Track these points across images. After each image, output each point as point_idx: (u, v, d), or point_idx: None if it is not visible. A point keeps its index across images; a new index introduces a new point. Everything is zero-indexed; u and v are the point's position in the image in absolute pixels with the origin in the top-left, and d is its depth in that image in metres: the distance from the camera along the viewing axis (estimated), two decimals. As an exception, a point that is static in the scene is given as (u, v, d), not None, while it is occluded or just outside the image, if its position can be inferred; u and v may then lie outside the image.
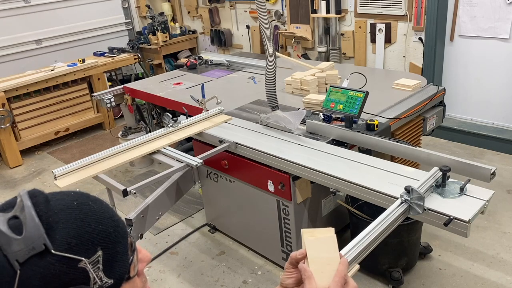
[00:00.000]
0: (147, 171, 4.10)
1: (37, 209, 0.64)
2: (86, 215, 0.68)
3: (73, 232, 0.64)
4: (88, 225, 0.67)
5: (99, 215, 0.70)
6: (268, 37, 2.35)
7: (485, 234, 2.83)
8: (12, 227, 0.63)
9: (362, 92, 2.28)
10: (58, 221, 0.64)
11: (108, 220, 0.70)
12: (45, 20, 5.25)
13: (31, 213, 0.63)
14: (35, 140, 4.71)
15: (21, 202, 0.65)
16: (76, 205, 0.68)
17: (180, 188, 2.32)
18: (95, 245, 0.66)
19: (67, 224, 0.65)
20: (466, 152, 3.88)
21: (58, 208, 0.66)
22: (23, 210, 0.64)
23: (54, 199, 0.68)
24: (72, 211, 0.67)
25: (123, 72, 5.85)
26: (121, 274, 0.70)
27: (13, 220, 0.64)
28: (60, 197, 0.69)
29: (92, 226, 0.67)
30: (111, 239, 0.69)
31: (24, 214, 0.63)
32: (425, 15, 3.86)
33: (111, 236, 0.69)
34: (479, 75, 3.91)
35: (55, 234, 0.63)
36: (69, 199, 0.70)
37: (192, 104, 2.85)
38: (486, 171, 1.79)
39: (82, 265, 0.64)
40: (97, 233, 0.67)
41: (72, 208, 0.67)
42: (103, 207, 0.73)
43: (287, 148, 2.28)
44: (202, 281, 2.68)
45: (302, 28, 4.76)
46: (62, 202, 0.68)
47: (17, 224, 0.63)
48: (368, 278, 2.54)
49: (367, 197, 1.85)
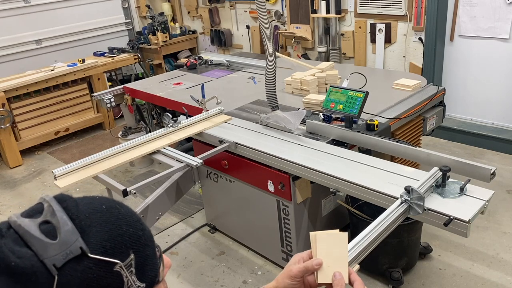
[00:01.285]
0: (147, 171, 4.10)
1: (68, 213, 0.64)
2: (116, 218, 0.67)
3: (106, 235, 0.64)
4: (119, 227, 0.66)
5: (128, 218, 0.69)
6: (268, 37, 2.35)
7: (485, 234, 2.83)
8: (45, 232, 0.61)
9: (362, 92, 2.28)
10: (90, 225, 0.64)
11: (136, 223, 0.70)
12: (45, 20, 5.25)
13: (63, 217, 0.63)
14: (35, 140, 4.71)
15: (50, 207, 0.64)
16: (105, 208, 0.68)
17: (180, 188, 2.33)
18: (127, 248, 0.66)
19: (100, 227, 0.64)
20: (466, 152, 3.88)
21: (88, 212, 0.66)
22: (54, 214, 0.63)
23: (82, 203, 0.67)
24: (103, 214, 0.67)
25: (123, 72, 5.85)
26: (152, 278, 0.70)
27: (44, 225, 0.62)
28: (87, 201, 0.69)
29: (123, 228, 0.67)
30: (141, 242, 0.68)
31: (56, 218, 0.62)
32: (425, 15, 3.86)
33: (141, 239, 0.69)
34: (479, 75, 3.91)
35: (89, 238, 0.62)
36: (97, 202, 0.69)
37: (192, 104, 2.85)
38: (486, 171, 1.79)
39: (117, 269, 0.63)
40: (129, 236, 0.67)
41: (102, 212, 0.67)
42: (130, 210, 0.72)
43: (287, 148, 2.28)
44: (202, 281, 2.68)
45: (302, 28, 4.76)
46: (91, 206, 0.67)
47: (49, 228, 0.62)
48: (368, 278, 2.54)
49: (367, 197, 1.85)
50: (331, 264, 0.98)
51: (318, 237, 1.00)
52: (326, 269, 0.98)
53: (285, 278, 1.01)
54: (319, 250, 0.99)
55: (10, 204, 3.78)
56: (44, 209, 0.65)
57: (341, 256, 0.99)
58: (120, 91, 3.84)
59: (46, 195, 0.68)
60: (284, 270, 1.03)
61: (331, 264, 0.98)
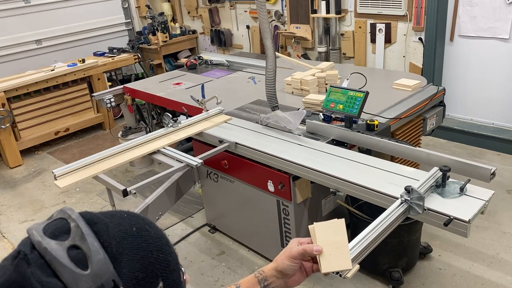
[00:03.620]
0: (147, 171, 4.10)
1: (100, 238, 0.60)
2: (147, 243, 0.64)
3: (138, 265, 0.61)
4: (151, 254, 0.63)
5: (158, 242, 0.66)
6: (268, 37, 2.35)
7: (485, 234, 2.83)
8: (74, 260, 0.57)
9: (362, 92, 2.28)
10: (122, 252, 0.60)
11: (165, 247, 0.67)
12: (45, 20, 5.25)
13: (94, 244, 0.58)
14: (35, 140, 4.71)
15: (78, 228, 0.60)
16: (136, 231, 0.64)
17: (180, 188, 2.33)
18: (157, 277, 0.63)
19: (132, 256, 0.61)
20: (466, 152, 3.88)
21: (119, 236, 0.62)
22: (84, 239, 0.58)
23: (112, 225, 0.63)
24: (134, 239, 0.63)
25: (123, 72, 5.85)
26: None
27: (73, 250, 0.58)
28: (117, 222, 0.65)
29: (154, 255, 0.64)
30: (170, 268, 0.66)
31: (86, 244, 0.58)
32: (425, 15, 3.86)
33: (170, 265, 0.66)
34: (479, 75, 3.91)
35: (122, 268, 0.59)
36: (127, 223, 0.65)
37: (192, 104, 2.85)
38: (486, 171, 1.79)
39: None
40: (159, 263, 0.64)
41: (133, 236, 0.63)
42: (159, 231, 0.69)
43: (287, 148, 2.28)
44: (202, 281, 2.68)
45: (302, 28, 4.76)
46: (121, 228, 0.64)
47: (80, 256, 0.58)
48: (368, 278, 2.54)
49: (367, 197, 1.85)
50: (332, 252, 0.99)
51: (317, 227, 1.01)
52: (328, 258, 0.98)
53: (284, 259, 1.03)
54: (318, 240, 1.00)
55: (10, 204, 3.78)
56: (72, 230, 0.60)
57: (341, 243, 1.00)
58: (120, 91, 3.84)
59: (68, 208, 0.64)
60: (284, 251, 1.05)
61: (332, 252, 0.99)
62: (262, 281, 1.05)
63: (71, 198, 3.79)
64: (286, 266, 1.02)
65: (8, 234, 3.38)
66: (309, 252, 1.00)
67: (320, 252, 0.99)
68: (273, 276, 1.05)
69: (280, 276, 1.04)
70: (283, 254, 1.04)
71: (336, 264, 0.99)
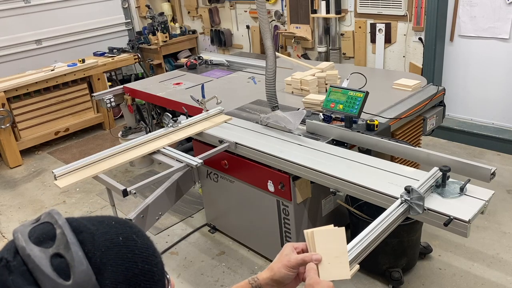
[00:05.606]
0: (147, 171, 4.10)
1: (85, 248, 0.59)
2: (133, 253, 0.63)
3: (121, 277, 0.60)
4: (135, 266, 0.63)
5: (145, 253, 0.65)
6: (268, 37, 2.35)
7: (485, 234, 2.83)
8: (57, 269, 0.57)
9: (362, 92, 2.28)
10: (106, 263, 0.60)
11: (151, 257, 0.66)
12: (45, 20, 5.25)
13: (78, 254, 0.58)
14: (35, 140, 4.71)
15: (63, 236, 0.59)
16: (122, 241, 0.64)
17: (180, 188, 2.33)
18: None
19: (116, 267, 0.60)
20: (466, 152, 3.88)
21: (104, 246, 0.61)
22: (68, 248, 0.58)
23: (98, 233, 0.63)
24: (119, 250, 0.62)
25: (123, 72, 5.85)
26: None
27: (57, 258, 0.57)
28: (103, 230, 0.64)
29: (139, 266, 0.63)
30: (154, 279, 0.65)
31: (70, 253, 0.57)
32: (425, 15, 3.86)
33: (154, 276, 0.65)
34: (479, 75, 3.91)
35: (104, 279, 0.59)
36: (114, 232, 0.64)
37: (192, 104, 2.85)
38: (486, 171, 1.79)
39: None
40: (144, 274, 0.63)
41: (119, 246, 0.63)
42: (146, 241, 0.68)
43: (287, 148, 2.28)
44: (202, 281, 2.68)
45: (302, 28, 4.76)
46: (107, 238, 0.63)
47: (62, 265, 0.57)
48: (368, 278, 2.54)
49: (367, 197, 1.85)
50: (331, 261, 0.97)
51: (316, 234, 0.99)
52: (327, 266, 0.97)
53: (281, 268, 1.00)
54: (317, 247, 0.98)
55: (10, 204, 3.78)
56: (57, 238, 0.59)
57: (340, 252, 0.98)
58: (120, 91, 3.84)
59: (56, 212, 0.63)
60: (280, 259, 1.02)
61: (331, 261, 0.97)
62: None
63: (71, 198, 3.79)
64: (283, 275, 1.00)
65: (8, 234, 3.38)
66: (308, 261, 0.98)
67: (319, 261, 0.97)
68: (268, 285, 1.03)
69: (275, 284, 1.02)
70: (280, 262, 1.01)
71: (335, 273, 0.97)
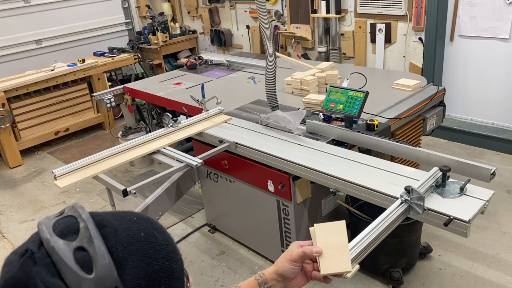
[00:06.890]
0: (147, 171, 4.10)
1: (107, 243, 0.60)
2: (154, 249, 0.64)
3: (142, 272, 0.61)
4: (156, 262, 0.63)
5: (166, 249, 0.66)
6: (268, 37, 2.35)
7: (485, 234, 2.83)
8: (80, 262, 0.58)
9: (362, 92, 2.28)
10: (127, 258, 0.61)
11: (172, 254, 0.67)
12: (45, 20, 5.25)
13: (101, 248, 0.59)
14: (35, 140, 4.71)
15: (86, 230, 0.60)
16: (144, 237, 0.64)
17: (180, 188, 2.33)
18: (160, 285, 0.63)
19: (137, 262, 0.61)
20: (466, 152, 3.88)
21: (126, 241, 0.62)
22: (92, 242, 0.59)
23: (120, 228, 0.64)
24: (141, 245, 0.63)
25: (123, 72, 5.85)
26: None
27: (80, 252, 0.59)
28: (126, 225, 0.65)
29: (160, 262, 0.64)
30: (174, 276, 0.66)
31: (93, 247, 0.59)
32: (425, 15, 3.86)
33: (175, 272, 0.66)
34: (479, 75, 3.91)
35: (125, 274, 0.59)
36: (135, 228, 0.65)
37: (192, 104, 2.85)
38: (486, 171, 1.79)
39: None
40: (164, 271, 0.64)
41: (140, 241, 0.63)
42: (166, 237, 0.69)
43: (287, 148, 2.28)
44: (202, 281, 2.68)
45: (302, 28, 4.76)
46: (129, 233, 0.64)
47: (85, 259, 0.58)
48: (368, 278, 2.54)
49: (367, 197, 1.85)
50: (332, 253, 0.98)
51: (317, 228, 1.01)
52: (328, 259, 0.98)
53: (284, 262, 1.02)
54: (318, 241, 0.99)
55: (10, 204, 3.78)
56: (80, 231, 0.60)
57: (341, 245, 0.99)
58: (120, 91, 3.84)
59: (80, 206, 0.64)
60: (284, 255, 1.04)
61: (332, 253, 0.98)
62: (262, 284, 1.05)
63: (71, 198, 3.79)
64: (286, 269, 1.02)
65: (8, 234, 3.38)
66: (308, 254, 1.00)
67: (320, 253, 0.99)
68: (273, 280, 1.04)
69: (281, 279, 1.04)
70: (283, 257, 1.03)
71: (336, 266, 0.98)
